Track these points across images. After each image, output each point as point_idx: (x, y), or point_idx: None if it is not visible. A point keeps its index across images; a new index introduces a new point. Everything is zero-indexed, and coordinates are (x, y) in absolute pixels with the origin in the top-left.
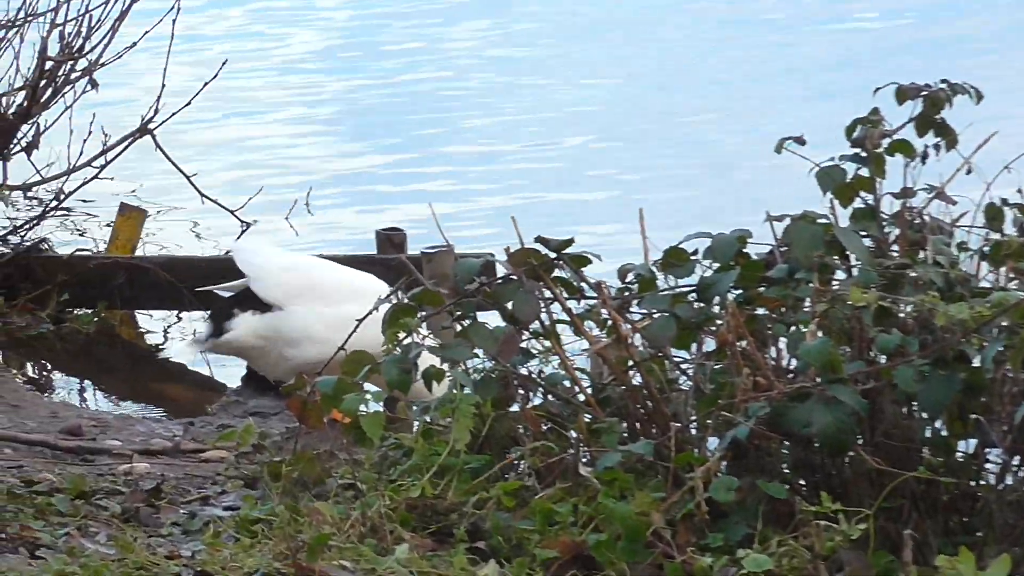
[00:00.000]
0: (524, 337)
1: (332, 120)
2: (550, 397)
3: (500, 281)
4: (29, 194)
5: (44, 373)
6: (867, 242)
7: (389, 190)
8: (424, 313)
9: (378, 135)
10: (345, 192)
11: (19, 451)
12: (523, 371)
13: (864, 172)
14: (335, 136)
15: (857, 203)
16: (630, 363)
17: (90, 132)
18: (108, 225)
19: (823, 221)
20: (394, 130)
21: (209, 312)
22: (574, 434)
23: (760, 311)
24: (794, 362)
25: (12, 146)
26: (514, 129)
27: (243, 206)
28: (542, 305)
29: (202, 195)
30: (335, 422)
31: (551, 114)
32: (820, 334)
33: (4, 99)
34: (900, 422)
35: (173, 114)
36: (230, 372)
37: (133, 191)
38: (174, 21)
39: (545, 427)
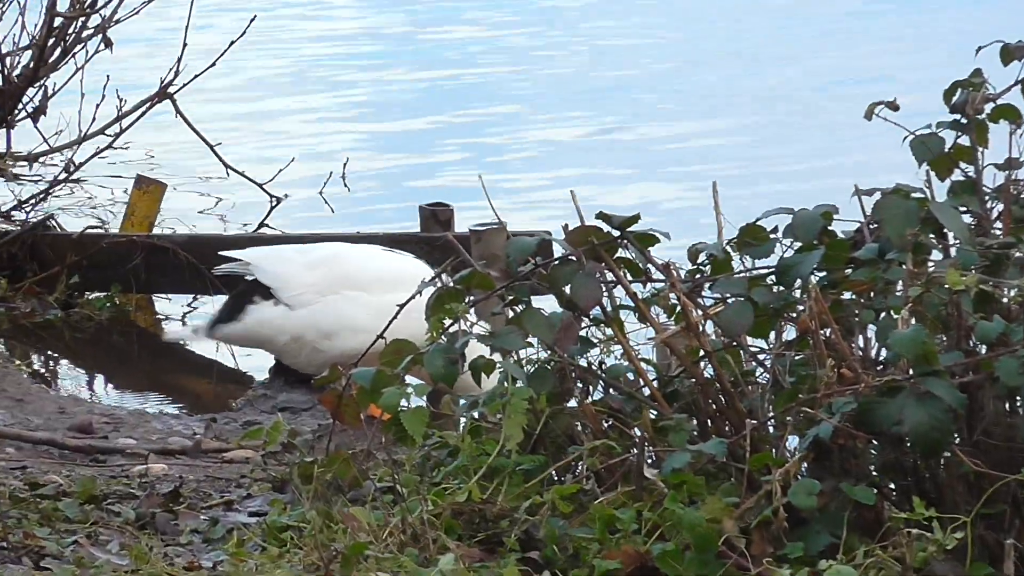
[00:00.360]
0: (583, 324)
1: (376, 92)
2: (612, 391)
3: (557, 262)
4: (36, 165)
5: (51, 364)
6: (967, 219)
7: (435, 163)
8: (472, 298)
9: (424, 109)
10: (387, 165)
11: (23, 450)
12: (582, 362)
13: (964, 141)
14: (378, 108)
15: (956, 175)
16: (701, 353)
17: (103, 96)
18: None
19: (918, 195)
20: (444, 105)
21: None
22: (638, 432)
23: (846, 296)
24: (884, 352)
25: (17, 112)
26: (574, 110)
27: (272, 179)
28: (604, 289)
29: (227, 166)
30: (373, 419)
31: (626, 95)
32: (913, 321)
33: (8, 60)
34: (1002, 419)
35: (196, 76)
36: (257, 364)
37: (151, 156)
38: None
39: (606, 424)
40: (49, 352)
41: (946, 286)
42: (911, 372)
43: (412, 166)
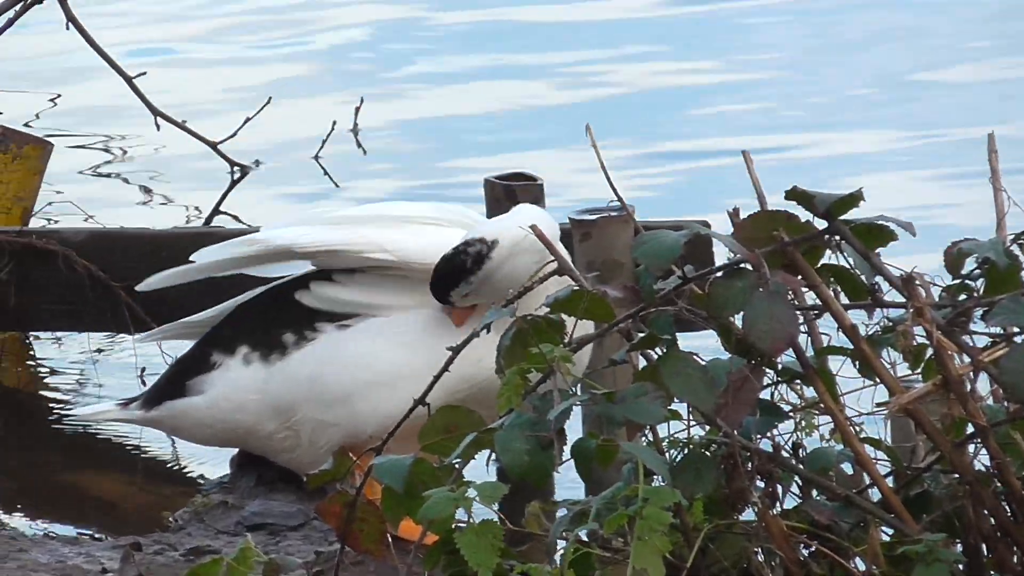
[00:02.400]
0: (766, 380)
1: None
2: (815, 494)
3: (721, 274)
4: None
5: None
6: None
7: (508, 114)
8: (577, 335)
9: (488, 38)
10: (426, 114)
11: None
12: (764, 445)
13: None
14: (404, 35)
15: None
16: (970, 430)
17: None
18: None
19: None
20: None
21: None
22: (861, 564)
23: None
24: None
25: None
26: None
27: (234, 134)
28: (800, 319)
29: (155, 112)
30: (408, 543)
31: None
32: None
33: None
34: None
35: None
36: (209, 451)
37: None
38: None
39: (806, 551)
40: None
41: None
42: None
43: (468, 117)
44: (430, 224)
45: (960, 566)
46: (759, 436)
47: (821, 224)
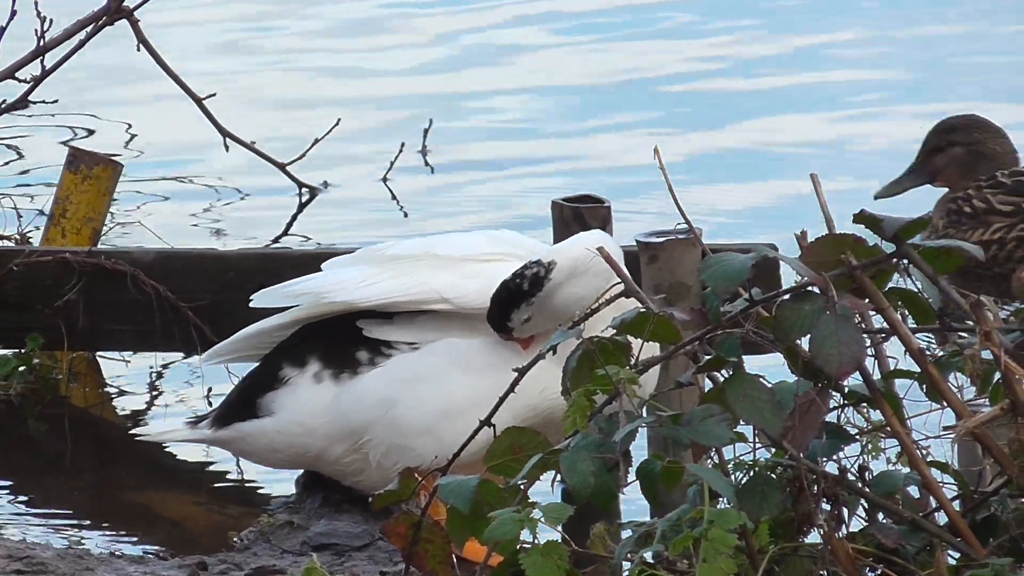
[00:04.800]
0: (832, 404)
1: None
2: (882, 517)
3: (789, 297)
4: None
5: None
6: None
7: (569, 137)
8: (644, 357)
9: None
10: (484, 130)
11: None
12: (830, 468)
13: None
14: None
15: None
16: None
17: (13, 13)
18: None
19: None
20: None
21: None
22: None
23: None
24: None
25: None
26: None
27: (303, 155)
28: (867, 342)
29: (224, 134)
30: (470, 563)
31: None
32: None
33: None
34: None
35: None
36: (275, 472)
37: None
38: None
39: (872, 574)
40: None
41: None
42: None
43: (534, 133)
44: (486, 260)
45: None
46: (825, 459)
47: (889, 248)
